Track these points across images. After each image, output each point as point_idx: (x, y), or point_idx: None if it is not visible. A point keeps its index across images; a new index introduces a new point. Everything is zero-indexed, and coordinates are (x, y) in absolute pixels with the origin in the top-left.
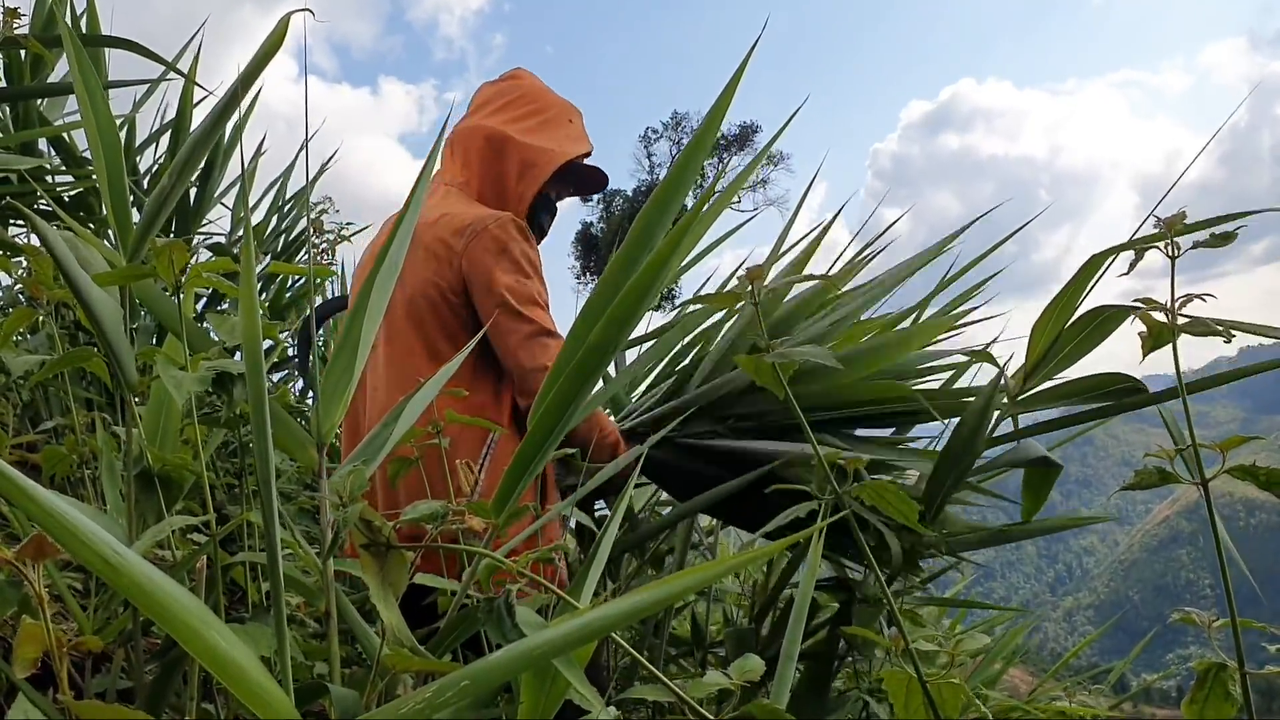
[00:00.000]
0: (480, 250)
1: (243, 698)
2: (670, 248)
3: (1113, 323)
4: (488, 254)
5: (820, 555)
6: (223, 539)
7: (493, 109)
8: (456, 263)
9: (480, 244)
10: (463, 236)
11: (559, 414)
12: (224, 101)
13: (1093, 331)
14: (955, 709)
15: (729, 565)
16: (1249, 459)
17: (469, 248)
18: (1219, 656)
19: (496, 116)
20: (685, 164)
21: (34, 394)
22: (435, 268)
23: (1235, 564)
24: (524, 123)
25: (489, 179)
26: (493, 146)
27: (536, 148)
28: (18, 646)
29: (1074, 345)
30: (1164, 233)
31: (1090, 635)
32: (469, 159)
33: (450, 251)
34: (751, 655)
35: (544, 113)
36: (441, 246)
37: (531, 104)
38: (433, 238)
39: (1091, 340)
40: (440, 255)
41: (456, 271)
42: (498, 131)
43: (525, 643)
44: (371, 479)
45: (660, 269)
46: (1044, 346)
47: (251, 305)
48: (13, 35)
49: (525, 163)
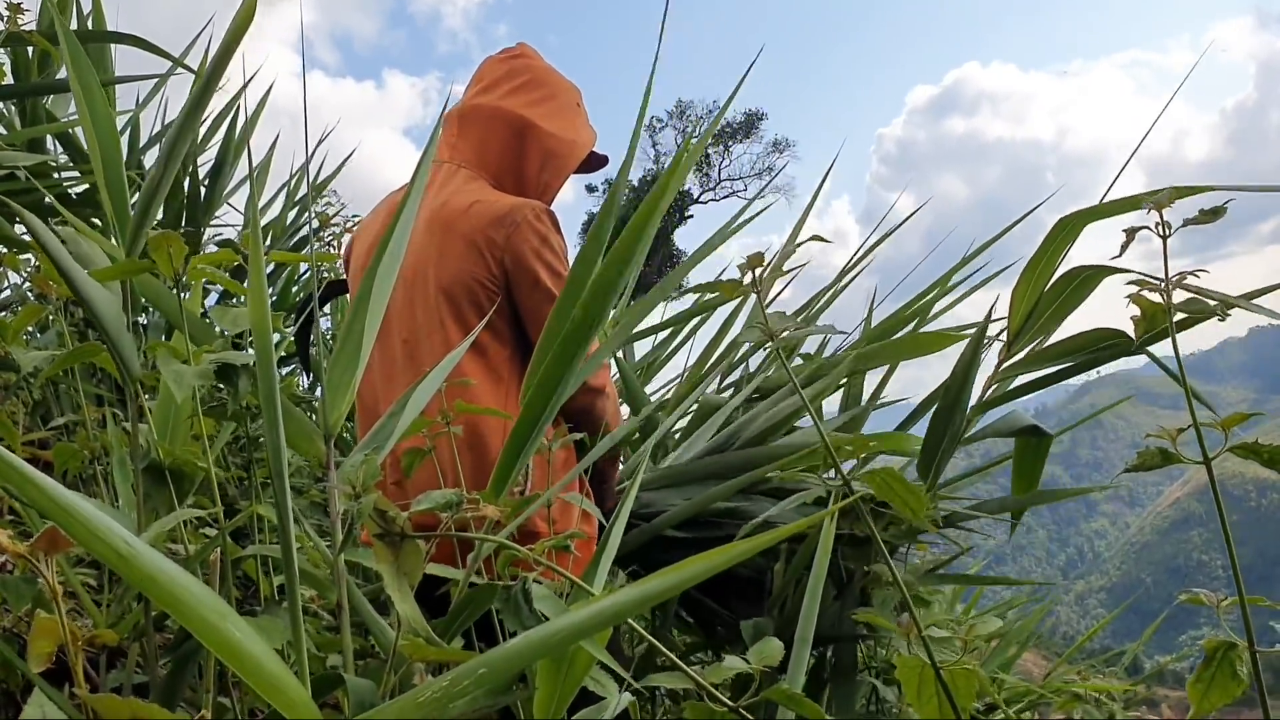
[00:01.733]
0: (521, 244)
1: (260, 690)
2: (644, 218)
3: (1090, 283)
4: (529, 248)
5: (832, 541)
6: (233, 533)
7: (507, 90)
8: (498, 255)
9: (521, 237)
10: (503, 227)
11: (553, 385)
12: (204, 81)
13: (1071, 293)
14: (970, 697)
15: (742, 550)
16: (1263, 439)
17: (510, 240)
18: (1230, 636)
19: (513, 99)
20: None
21: (45, 391)
22: (476, 259)
23: (1246, 545)
24: (542, 107)
25: (508, 165)
26: (515, 132)
27: (560, 138)
28: (33, 641)
29: (1055, 308)
30: (1160, 201)
31: (1104, 618)
32: (487, 141)
33: (491, 243)
34: (771, 639)
35: (558, 98)
36: (481, 237)
37: (545, 87)
38: (470, 227)
39: (1071, 302)
40: (480, 246)
41: (499, 264)
42: (520, 117)
43: (544, 629)
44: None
45: (638, 240)
46: (1025, 311)
47: (260, 293)
48: (18, 31)
49: (549, 152)
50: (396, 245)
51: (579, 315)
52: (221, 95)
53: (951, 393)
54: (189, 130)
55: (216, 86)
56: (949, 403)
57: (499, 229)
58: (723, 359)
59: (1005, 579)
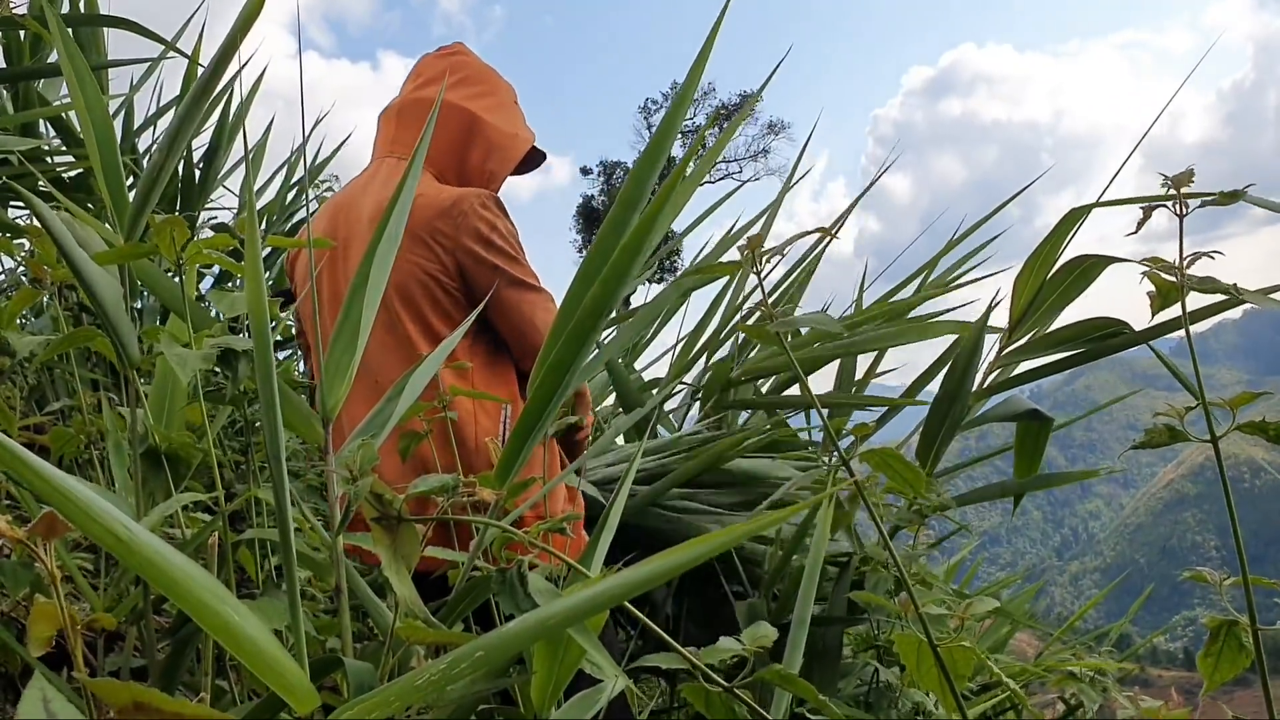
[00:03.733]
0: (469, 233)
1: (258, 672)
2: (659, 205)
3: (1093, 271)
4: (478, 235)
5: (830, 524)
6: (231, 518)
7: (447, 85)
8: (448, 245)
9: (468, 225)
10: (450, 219)
11: (559, 376)
12: (210, 69)
13: (1074, 281)
14: (967, 670)
15: (741, 532)
16: (1256, 418)
17: (459, 232)
18: (1229, 614)
19: (454, 93)
20: (670, 121)
21: (40, 376)
22: (424, 253)
23: (1241, 525)
24: (483, 101)
25: (451, 157)
26: (458, 125)
27: (502, 130)
28: (32, 625)
29: (1057, 295)
30: (1171, 189)
31: (1095, 597)
32: (436, 134)
33: (438, 234)
34: (763, 622)
35: (498, 94)
36: (427, 230)
37: (485, 83)
38: (414, 221)
39: (1073, 290)
40: (427, 240)
41: (450, 254)
42: (463, 109)
43: (539, 612)
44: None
45: (650, 227)
46: (1027, 298)
47: (257, 277)
48: (10, 15)
49: (492, 144)
50: (394, 228)
51: (589, 303)
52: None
53: (953, 380)
54: (191, 119)
55: (223, 75)
56: (950, 390)
57: (446, 220)
58: (712, 339)
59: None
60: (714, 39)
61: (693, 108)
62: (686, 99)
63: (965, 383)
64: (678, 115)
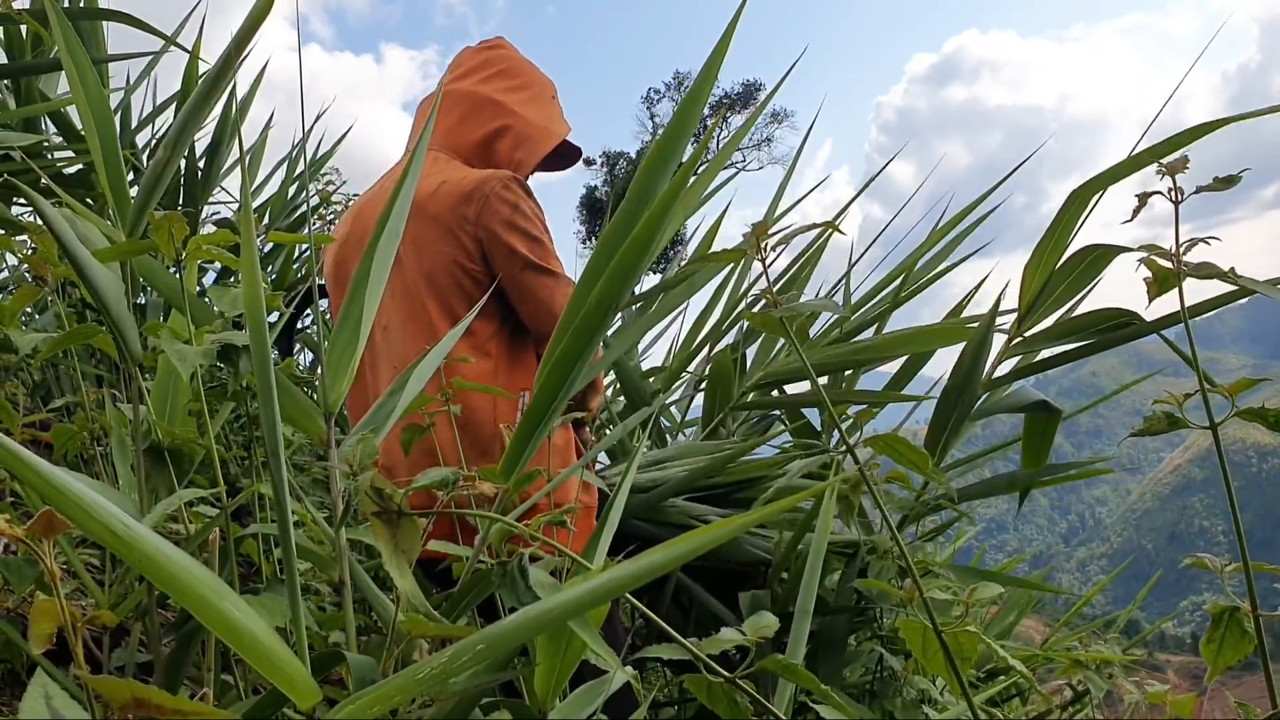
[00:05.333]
0: (492, 216)
1: (259, 667)
2: (670, 199)
3: (1103, 260)
4: (501, 218)
5: (834, 512)
6: (236, 514)
7: (483, 77)
8: (472, 231)
9: (490, 209)
10: (472, 203)
11: (566, 370)
12: (217, 67)
13: (1084, 270)
14: (972, 654)
15: (741, 523)
16: (1266, 404)
17: (482, 215)
18: (1232, 601)
19: (490, 84)
20: (684, 117)
21: (44, 373)
22: (451, 240)
23: (1247, 509)
24: (517, 94)
25: (479, 144)
26: (489, 115)
27: (533, 123)
28: (33, 622)
29: (1067, 285)
30: (1173, 166)
31: (1101, 582)
32: (462, 122)
33: (463, 221)
34: (765, 612)
35: (533, 87)
36: (453, 218)
37: (521, 77)
38: (440, 209)
39: (1084, 279)
40: (453, 227)
41: (474, 240)
42: (495, 100)
43: (541, 605)
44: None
45: (660, 221)
46: (1037, 287)
47: (253, 273)
48: (10, 10)
49: (521, 135)
50: (395, 224)
51: (595, 298)
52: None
53: (962, 372)
54: (196, 117)
55: (230, 73)
56: (959, 382)
57: (469, 205)
58: (715, 329)
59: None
60: (729, 41)
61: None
62: (701, 99)
63: (974, 374)
64: (691, 115)
